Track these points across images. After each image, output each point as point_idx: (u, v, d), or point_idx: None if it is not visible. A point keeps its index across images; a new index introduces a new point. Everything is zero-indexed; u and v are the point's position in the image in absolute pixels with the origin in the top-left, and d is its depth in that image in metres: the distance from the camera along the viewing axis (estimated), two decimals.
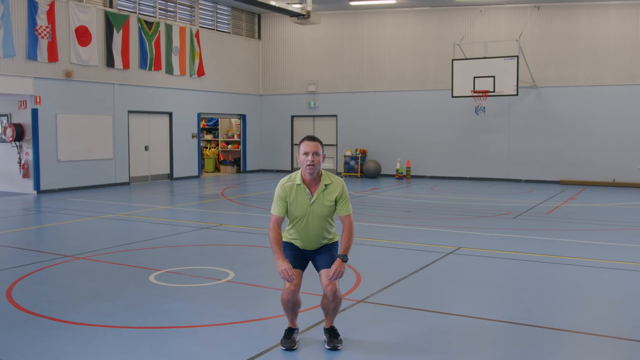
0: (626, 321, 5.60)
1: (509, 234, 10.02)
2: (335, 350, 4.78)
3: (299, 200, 4.73)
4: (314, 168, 4.66)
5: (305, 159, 4.65)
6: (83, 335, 5.12)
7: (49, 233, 10.58)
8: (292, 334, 4.88)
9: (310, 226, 4.76)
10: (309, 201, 4.72)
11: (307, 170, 4.66)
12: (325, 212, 4.75)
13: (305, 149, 4.65)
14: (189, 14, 20.62)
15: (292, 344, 4.80)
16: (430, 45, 20.70)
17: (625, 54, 18.26)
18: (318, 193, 4.72)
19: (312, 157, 4.63)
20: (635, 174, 18.13)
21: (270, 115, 23.56)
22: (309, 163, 4.63)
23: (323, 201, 4.73)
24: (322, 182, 4.74)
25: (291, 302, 4.73)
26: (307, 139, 4.70)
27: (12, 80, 15.06)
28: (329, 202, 4.74)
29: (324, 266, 4.77)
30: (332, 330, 4.88)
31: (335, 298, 4.72)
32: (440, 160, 20.74)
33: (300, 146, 4.72)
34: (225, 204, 14.39)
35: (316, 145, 4.67)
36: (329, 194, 4.74)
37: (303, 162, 4.67)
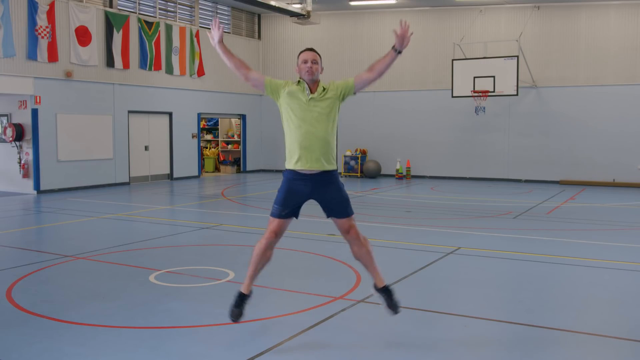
0: (626, 321, 5.60)
1: (509, 234, 10.02)
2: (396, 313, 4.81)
3: (296, 95, 4.73)
4: (313, 74, 4.73)
5: (304, 66, 4.74)
6: (83, 335, 5.12)
7: (49, 233, 10.58)
8: (243, 301, 4.80)
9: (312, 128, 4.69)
10: (307, 96, 4.73)
11: (306, 75, 4.73)
12: (326, 109, 4.74)
13: (304, 57, 4.77)
14: (189, 14, 20.62)
15: (240, 314, 4.75)
16: (430, 45, 20.70)
17: (625, 54, 18.26)
18: (317, 93, 4.76)
19: (311, 64, 4.73)
20: (635, 174, 18.13)
21: (270, 115, 23.54)
22: (307, 69, 4.72)
23: (323, 97, 4.75)
24: (321, 85, 4.81)
25: (261, 254, 4.70)
26: (306, 49, 4.83)
27: (12, 80, 15.06)
28: (329, 99, 4.75)
29: (338, 215, 4.74)
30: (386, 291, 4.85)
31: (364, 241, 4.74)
32: (440, 160, 20.74)
33: (299, 57, 4.81)
34: (225, 204, 14.39)
35: (315, 54, 4.79)
36: (329, 92, 4.78)
37: (302, 69, 4.75)
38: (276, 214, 4.75)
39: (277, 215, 4.74)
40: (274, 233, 4.68)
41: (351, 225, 4.74)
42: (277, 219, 4.74)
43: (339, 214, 4.75)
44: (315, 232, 9.79)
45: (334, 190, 4.78)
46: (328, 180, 4.78)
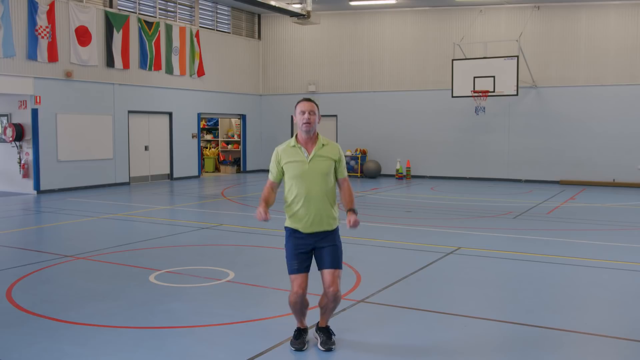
0: (626, 321, 5.60)
1: (509, 234, 10.02)
2: (330, 351, 4.75)
3: (296, 159, 4.70)
4: (311, 126, 4.69)
5: (302, 118, 4.69)
6: (83, 335, 5.12)
7: (49, 233, 10.58)
8: (301, 334, 4.87)
9: (311, 188, 4.65)
10: (307, 159, 4.69)
11: (304, 128, 4.69)
12: (325, 169, 4.69)
13: (302, 108, 4.71)
14: (189, 14, 20.62)
15: (301, 345, 4.80)
16: (430, 45, 20.70)
17: (625, 54, 18.26)
18: (316, 150, 4.71)
19: (309, 116, 4.68)
20: (635, 174, 18.13)
21: (270, 115, 23.55)
22: (306, 121, 4.67)
23: (322, 157, 4.71)
24: (320, 142, 4.77)
25: (299, 304, 4.73)
26: (304, 100, 4.77)
27: (12, 80, 15.06)
28: (328, 159, 4.71)
29: (328, 266, 4.71)
30: (326, 330, 4.85)
31: (336, 299, 4.71)
32: (440, 160, 20.74)
33: (296, 107, 4.76)
34: (225, 204, 14.39)
35: (312, 105, 4.75)
36: (327, 152, 4.74)
37: (300, 121, 4.70)
38: (295, 271, 4.76)
39: (297, 271, 4.76)
40: (300, 288, 4.69)
41: (334, 280, 4.68)
42: (297, 274, 4.75)
43: (326, 263, 4.73)
44: None
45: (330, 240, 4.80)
46: (328, 237, 4.80)
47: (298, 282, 4.70)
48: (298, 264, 4.75)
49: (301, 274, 4.74)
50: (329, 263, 4.73)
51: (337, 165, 4.76)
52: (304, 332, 4.89)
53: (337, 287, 4.68)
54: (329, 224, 4.74)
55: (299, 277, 4.73)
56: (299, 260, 4.76)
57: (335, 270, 4.72)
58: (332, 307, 4.80)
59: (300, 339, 4.84)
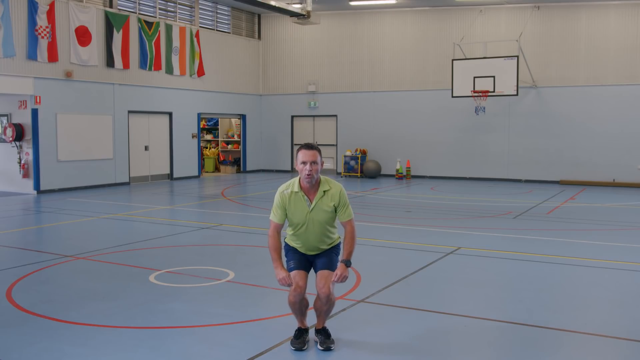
0: (626, 321, 5.60)
1: (509, 234, 10.02)
2: (329, 350, 4.78)
3: (298, 207, 4.72)
4: (312, 177, 4.64)
5: (303, 168, 4.63)
6: (83, 335, 5.12)
7: (49, 233, 10.58)
8: (302, 334, 4.87)
9: (310, 232, 4.76)
10: (308, 208, 4.71)
11: (306, 179, 4.66)
12: (325, 218, 4.75)
13: (303, 158, 4.62)
14: (189, 14, 20.62)
15: (302, 345, 4.80)
16: (430, 45, 20.70)
17: (625, 54, 18.25)
18: (317, 199, 4.71)
19: (310, 167, 4.60)
20: (635, 174, 18.13)
21: (270, 115, 23.55)
22: (307, 173, 4.61)
23: (322, 207, 4.72)
24: (321, 188, 4.73)
25: (298, 303, 4.74)
26: (305, 148, 4.67)
27: (12, 80, 15.06)
28: (329, 207, 4.73)
29: (321, 268, 4.78)
30: (324, 330, 4.87)
31: (329, 301, 4.72)
32: (440, 160, 20.74)
33: (298, 155, 4.69)
34: (225, 204, 14.39)
35: (314, 154, 4.64)
36: (329, 200, 4.73)
37: (301, 171, 4.66)
38: (293, 268, 4.80)
39: (295, 268, 4.80)
40: (298, 286, 4.70)
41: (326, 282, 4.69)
42: (295, 271, 4.78)
43: (321, 265, 4.79)
44: None
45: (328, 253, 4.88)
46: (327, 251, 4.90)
47: (296, 279, 4.71)
48: (296, 262, 4.82)
49: (299, 271, 4.77)
50: (323, 265, 4.79)
51: (338, 210, 4.76)
52: (304, 332, 4.90)
53: (329, 289, 4.67)
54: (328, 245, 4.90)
55: (297, 273, 4.75)
56: (298, 259, 4.84)
57: (329, 272, 4.74)
58: (325, 310, 4.80)
59: (300, 338, 4.84)
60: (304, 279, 4.75)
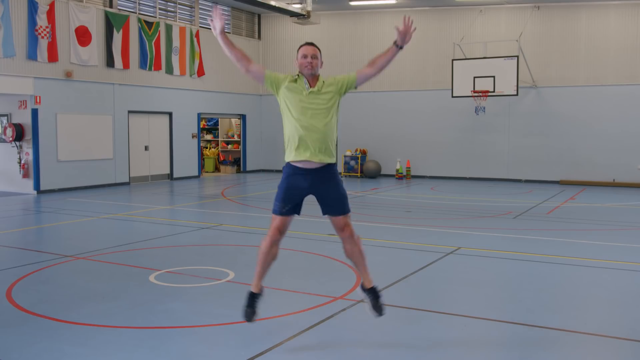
0: (626, 321, 5.60)
1: (509, 234, 10.02)
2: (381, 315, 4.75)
3: (295, 92, 4.67)
4: (313, 69, 4.69)
5: (304, 61, 4.69)
6: (83, 335, 5.12)
7: (49, 233, 10.58)
8: (255, 300, 4.77)
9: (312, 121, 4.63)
10: (306, 91, 4.67)
11: (306, 71, 4.69)
12: (325, 103, 4.68)
13: (304, 51, 4.72)
14: (189, 14, 20.63)
15: (253, 314, 4.71)
16: (430, 45, 20.70)
17: (625, 54, 18.26)
18: (317, 87, 4.71)
19: (311, 59, 4.68)
20: (635, 174, 18.13)
21: (270, 115, 23.54)
22: (307, 64, 4.67)
23: (322, 91, 4.70)
24: (320, 79, 4.77)
25: (270, 253, 4.65)
26: (306, 44, 4.77)
27: (12, 80, 15.06)
28: (329, 93, 4.71)
29: (336, 212, 4.67)
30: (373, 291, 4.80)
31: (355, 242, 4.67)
32: (440, 160, 20.74)
33: (299, 50, 4.76)
34: (225, 204, 14.39)
35: (315, 49, 4.75)
36: (328, 86, 4.73)
37: (302, 64, 4.69)
38: (278, 211, 4.70)
39: (279, 212, 4.69)
40: (277, 230, 4.63)
41: (346, 223, 4.69)
42: (279, 216, 4.69)
43: (336, 211, 4.70)
44: (315, 232, 9.79)
45: (332, 185, 4.74)
46: (327, 175, 4.74)
47: (276, 223, 4.63)
48: (283, 204, 4.67)
49: (283, 217, 4.66)
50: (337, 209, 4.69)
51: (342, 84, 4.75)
52: (257, 298, 4.77)
53: (351, 229, 4.64)
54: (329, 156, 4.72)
55: (279, 218, 4.66)
56: (287, 200, 4.68)
57: (344, 217, 4.68)
58: (357, 252, 4.70)
59: (253, 307, 4.72)
60: (286, 226, 4.65)
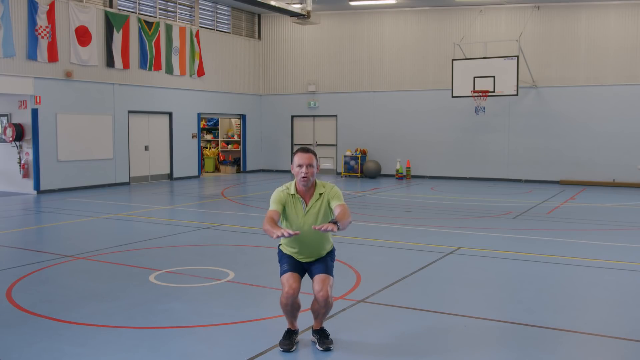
0: (626, 321, 5.60)
1: (509, 234, 10.02)
2: (328, 350, 4.76)
3: (294, 209, 4.73)
4: (308, 180, 4.66)
5: (299, 171, 4.65)
6: (83, 335, 5.12)
7: (49, 233, 10.58)
8: (291, 335, 4.86)
9: (306, 237, 4.73)
10: (304, 211, 4.71)
11: (302, 182, 4.67)
12: (322, 216, 4.73)
13: (300, 161, 4.65)
14: (189, 14, 20.62)
15: (290, 346, 4.79)
16: (430, 45, 20.70)
17: (625, 54, 18.26)
18: (312, 202, 4.73)
19: (306, 170, 4.63)
20: (635, 174, 18.13)
21: (270, 115, 23.56)
22: (303, 175, 4.63)
23: (319, 209, 4.72)
24: (317, 191, 4.75)
25: (290, 306, 4.72)
26: (301, 151, 4.69)
27: (12, 80, 15.06)
28: (323, 205, 4.73)
29: (317, 272, 4.76)
30: (322, 331, 4.86)
31: (327, 304, 4.70)
32: (440, 160, 20.74)
33: (294, 158, 4.71)
34: (225, 204, 14.39)
35: (310, 157, 4.66)
36: (324, 202, 4.74)
37: (297, 174, 4.67)
38: (286, 271, 4.77)
39: (287, 271, 4.77)
40: (291, 288, 4.66)
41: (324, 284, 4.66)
42: (288, 273, 4.75)
43: (319, 270, 4.76)
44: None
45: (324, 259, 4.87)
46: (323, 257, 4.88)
47: (289, 282, 4.69)
48: (290, 265, 4.80)
49: (293, 274, 4.75)
50: (319, 269, 4.78)
51: (331, 201, 4.70)
52: (293, 334, 4.87)
53: (327, 292, 4.65)
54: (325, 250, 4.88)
55: (290, 276, 4.72)
56: (292, 263, 4.82)
57: (326, 276, 4.72)
58: (323, 313, 4.79)
59: (289, 339, 4.82)
60: (298, 282, 4.72)
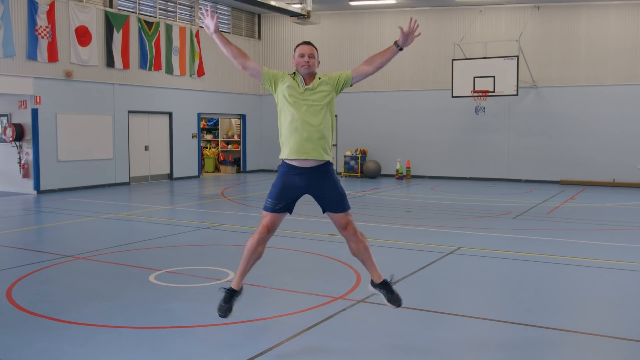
0: (626, 321, 5.60)
1: (509, 234, 10.02)
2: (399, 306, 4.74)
3: (292, 87, 4.64)
4: (310, 68, 4.67)
5: (301, 60, 4.66)
6: (83, 335, 5.12)
7: (49, 233, 10.58)
8: (233, 297, 4.71)
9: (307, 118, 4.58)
10: (302, 88, 4.65)
11: (302, 70, 4.67)
12: (321, 100, 4.64)
13: (301, 51, 4.69)
14: (189, 14, 20.63)
15: (229, 310, 4.66)
16: (430, 45, 20.69)
17: (625, 54, 18.26)
18: (313, 84, 4.68)
19: (308, 59, 4.66)
20: (635, 174, 18.13)
21: (270, 115, 23.53)
22: (304, 64, 4.65)
23: (318, 89, 4.67)
24: (317, 77, 4.74)
25: (256, 251, 4.61)
26: (303, 43, 4.73)
27: (12, 80, 15.06)
28: (325, 91, 4.68)
29: (335, 209, 4.62)
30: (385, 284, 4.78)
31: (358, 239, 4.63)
32: (440, 160, 20.74)
33: (296, 50, 4.72)
34: (225, 204, 14.39)
35: (312, 48, 4.71)
36: (324, 84, 4.69)
37: (299, 63, 4.68)
38: (269, 208, 4.64)
39: (271, 209, 4.64)
40: (266, 228, 4.57)
41: (348, 221, 4.64)
42: (270, 213, 4.64)
43: (335, 208, 4.64)
44: (315, 232, 9.79)
45: (329, 184, 4.68)
46: (323, 174, 4.67)
47: (266, 220, 4.59)
48: (276, 202, 4.62)
49: (275, 214, 4.61)
50: (335, 205, 4.64)
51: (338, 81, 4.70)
52: (236, 295, 4.73)
53: (353, 226, 4.59)
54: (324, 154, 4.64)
55: (270, 216, 4.61)
56: (280, 198, 4.63)
57: (345, 215, 4.64)
58: (363, 248, 4.66)
59: (230, 303, 4.67)
60: (276, 224, 4.60)
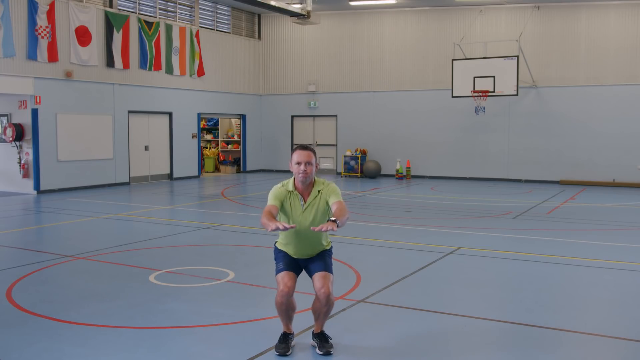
0: (626, 321, 5.60)
1: (509, 234, 10.02)
2: (329, 355, 4.70)
3: (292, 205, 4.68)
4: (307, 177, 4.62)
5: (298, 169, 4.61)
6: (83, 335, 5.12)
7: (49, 233, 10.58)
8: (287, 338, 4.79)
9: (303, 235, 4.68)
10: (302, 208, 4.67)
11: (300, 178, 4.63)
12: (319, 219, 4.68)
13: (298, 158, 4.60)
14: (189, 14, 20.62)
15: (286, 350, 4.72)
16: (430, 45, 20.70)
17: (625, 54, 18.26)
18: (311, 199, 4.68)
19: (305, 167, 4.58)
20: (635, 174, 18.13)
21: (270, 115, 23.55)
22: (302, 172, 4.60)
23: (317, 206, 4.68)
24: (315, 188, 4.70)
25: (285, 305, 4.65)
26: (300, 148, 4.65)
27: (12, 80, 15.06)
28: (322, 206, 4.69)
29: (317, 270, 4.69)
30: (322, 335, 4.80)
31: (328, 302, 4.62)
32: (440, 160, 20.74)
33: (293, 155, 4.66)
34: (225, 204, 14.39)
35: (309, 154, 4.62)
36: (322, 199, 4.69)
37: (296, 172, 4.63)
38: (281, 270, 4.73)
39: (283, 270, 4.72)
40: (286, 287, 4.62)
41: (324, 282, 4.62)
42: (283, 272, 4.71)
43: (318, 267, 4.71)
44: None
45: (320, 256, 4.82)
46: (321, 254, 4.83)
47: (284, 280, 4.64)
48: (286, 264, 4.74)
49: (288, 272, 4.69)
50: (318, 267, 4.71)
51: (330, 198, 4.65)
52: (289, 337, 4.81)
53: (329, 289, 4.60)
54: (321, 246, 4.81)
55: (285, 275, 4.67)
56: (287, 262, 4.76)
57: (326, 273, 4.67)
58: (325, 312, 4.70)
59: (285, 343, 4.75)
60: (293, 280, 4.67)
